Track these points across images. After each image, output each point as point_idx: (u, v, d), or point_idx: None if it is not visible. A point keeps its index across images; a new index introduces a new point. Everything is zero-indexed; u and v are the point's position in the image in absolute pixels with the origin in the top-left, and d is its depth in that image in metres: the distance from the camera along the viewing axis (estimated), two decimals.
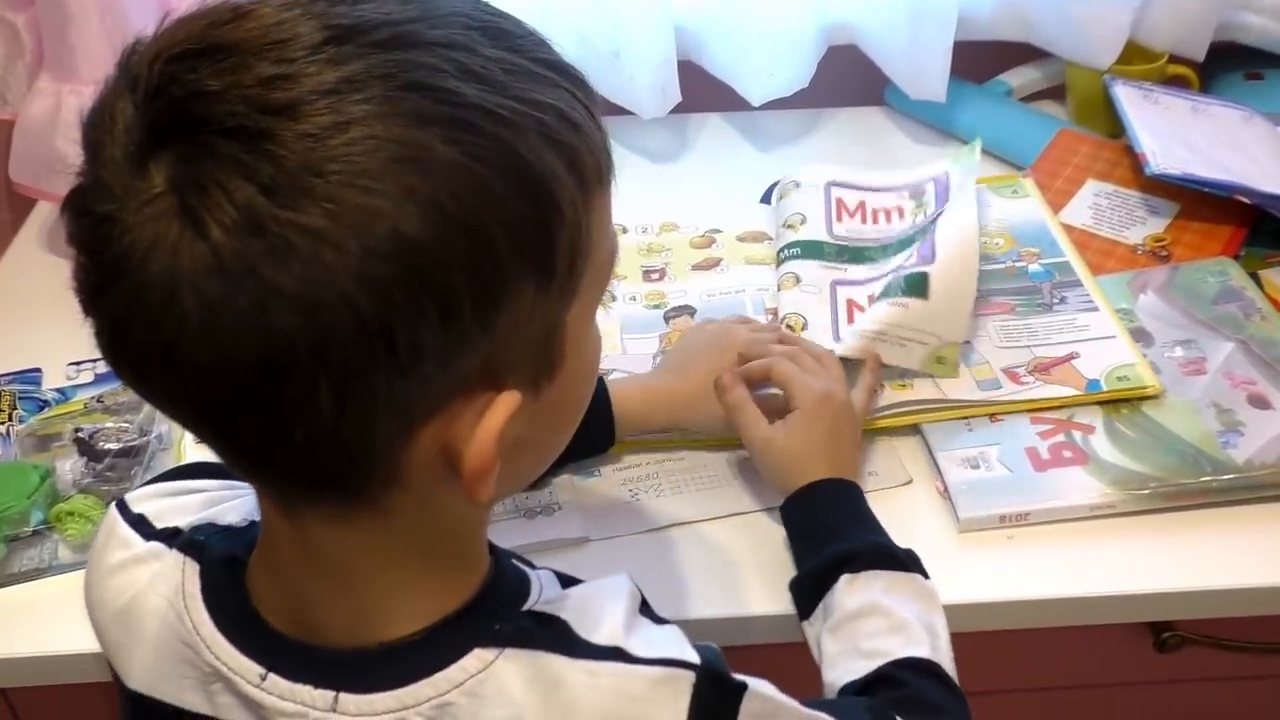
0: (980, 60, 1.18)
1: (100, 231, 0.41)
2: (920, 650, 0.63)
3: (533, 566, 0.55)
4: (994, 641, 0.73)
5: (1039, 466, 0.78)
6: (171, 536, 0.56)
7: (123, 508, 0.59)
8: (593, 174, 0.46)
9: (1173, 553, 0.74)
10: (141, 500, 0.59)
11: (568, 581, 0.55)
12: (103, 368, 0.91)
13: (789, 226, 0.98)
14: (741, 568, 0.74)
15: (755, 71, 1.10)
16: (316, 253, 0.39)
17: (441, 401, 0.44)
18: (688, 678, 0.49)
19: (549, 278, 0.44)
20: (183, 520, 0.57)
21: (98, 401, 0.87)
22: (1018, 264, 0.93)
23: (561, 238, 0.44)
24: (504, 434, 0.45)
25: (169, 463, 0.81)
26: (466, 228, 0.41)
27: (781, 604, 0.70)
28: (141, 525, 0.57)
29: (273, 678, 0.50)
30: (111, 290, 0.41)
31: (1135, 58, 1.11)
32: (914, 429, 0.82)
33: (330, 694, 0.49)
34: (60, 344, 0.93)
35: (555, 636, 0.49)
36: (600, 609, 0.51)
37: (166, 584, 0.54)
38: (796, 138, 1.17)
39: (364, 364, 0.41)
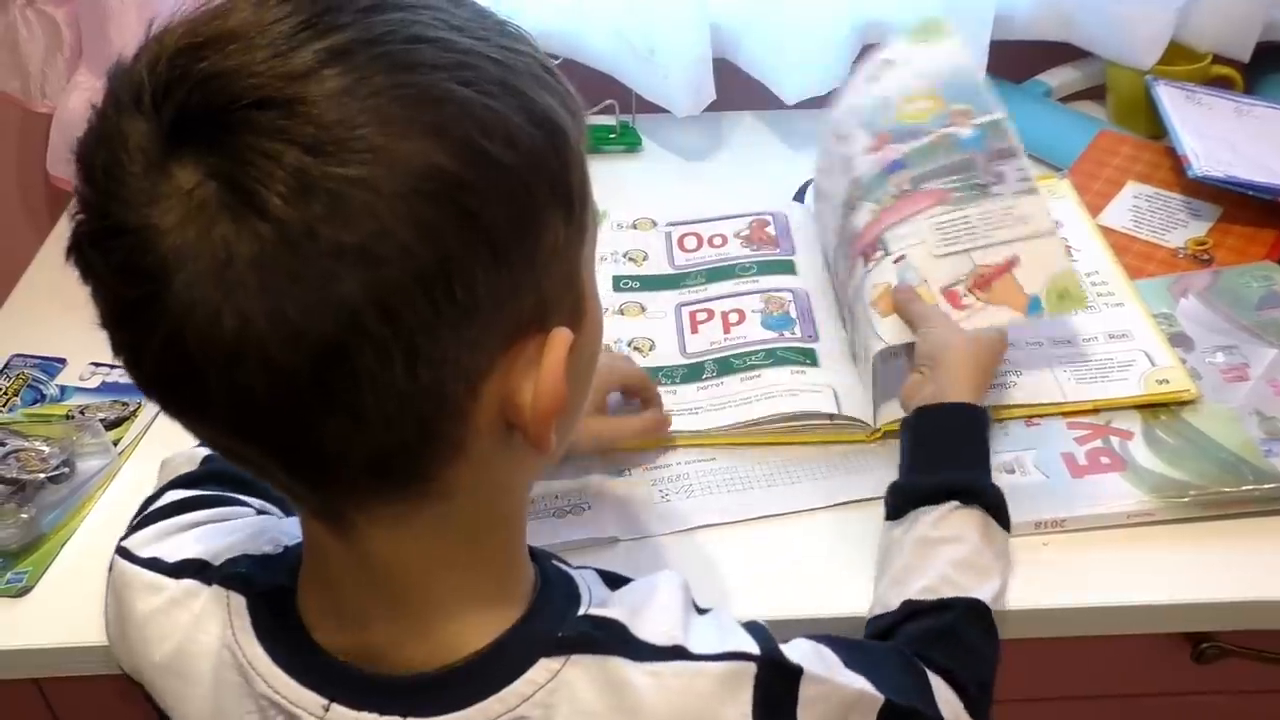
0: (1018, 60, 1.17)
1: (132, 251, 0.40)
2: (985, 595, 0.64)
3: (571, 566, 0.55)
4: (1028, 650, 0.72)
5: (1076, 472, 0.77)
6: (200, 571, 0.54)
7: (128, 555, 0.58)
8: (579, 118, 0.47)
9: (1212, 562, 0.73)
10: (147, 544, 0.58)
11: (611, 579, 0.55)
12: (115, 377, 0.90)
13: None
14: (773, 571, 0.74)
15: (790, 69, 1.09)
16: (370, 204, 0.39)
17: (499, 350, 0.44)
18: (750, 669, 0.49)
19: (570, 212, 0.45)
20: (199, 554, 0.55)
21: (80, 413, 0.86)
22: (948, 130, 0.85)
23: (574, 173, 0.45)
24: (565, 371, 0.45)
25: (60, 515, 0.78)
26: (498, 162, 0.42)
27: (814, 607, 0.70)
28: (161, 567, 0.56)
29: (336, 708, 0.49)
30: (154, 306, 0.40)
31: (1178, 58, 1.09)
32: None
33: None
34: (91, 340, 0.93)
35: (616, 639, 0.49)
36: (655, 608, 0.51)
37: (213, 622, 0.53)
38: None
39: (430, 317, 0.41)
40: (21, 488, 0.78)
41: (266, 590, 0.52)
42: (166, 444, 0.85)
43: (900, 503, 0.69)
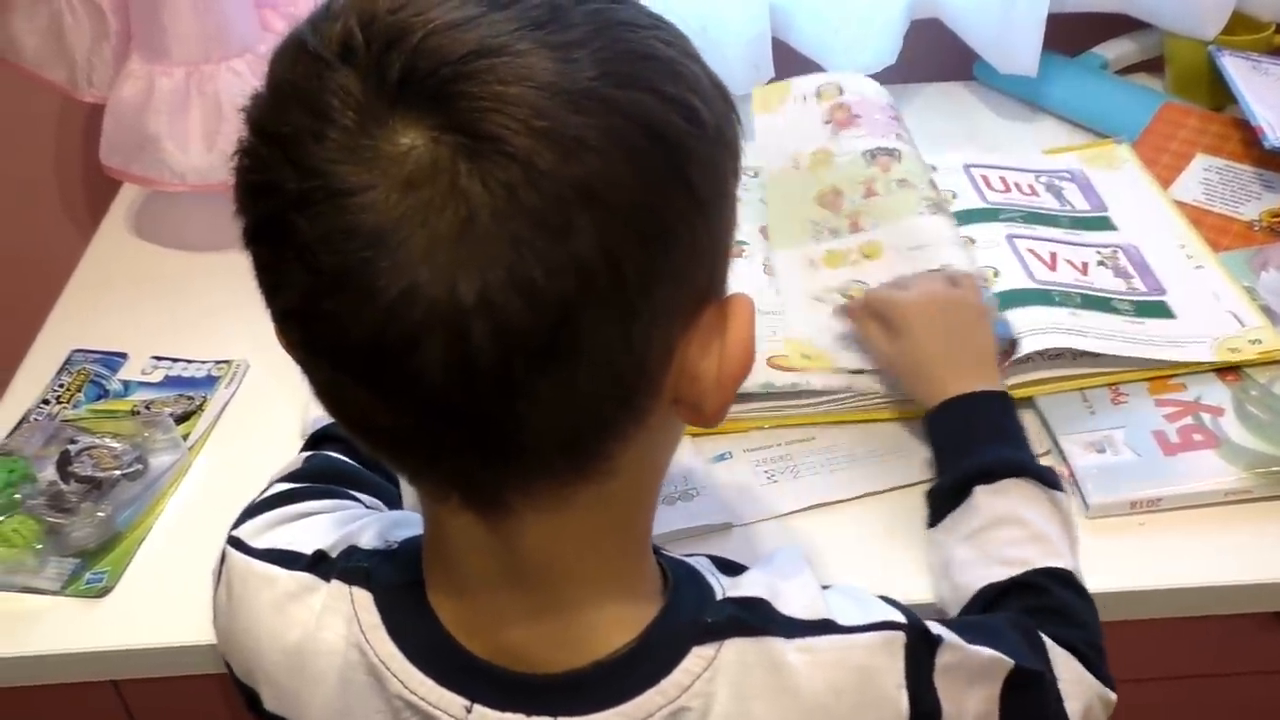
0: (1072, 32, 1.15)
1: (350, 213, 0.38)
2: (1059, 561, 0.63)
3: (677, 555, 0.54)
4: (1124, 631, 0.70)
5: (1168, 450, 0.75)
6: (317, 565, 0.53)
7: (241, 546, 0.56)
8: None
9: None
10: (260, 533, 0.56)
11: (725, 565, 0.54)
12: (178, 370, 0.89)
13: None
14: (887, 550, 0.72)
15: (845, 48, 1.07)
16: (602, 150, 0.39)
17: (691, 315, 0.44)
18: (900, 638, 0.49)
19: (737, 179, 0.45)
20: (315, 546, 0.54)
21: (145, 408, 0.85)
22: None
23: (738, 141, 0.45)
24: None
25: (135, 513, 0.77)
26: (702, 119, 0.42)
27: (925, 590, 0.69)
28: (275, 558, 0.54)
29: (479, 709, 0.48)
30: (370, 273, 0.38)
31: (1239, 28, 1.07)
32: (1028, 403, 0.79)
33: None
34: (149, 333, 0.93)
35: (765, 619, 0.48)
36: (792, 584, 0.50)
37: (336, 618, 0.51)
38: None
39: (646, 275, 0.40)
40: (97, 485, 0.76)
41: (394, 586, 0.51)
42: (235, 438, 0.84)
43: (935, 507, 0.68)
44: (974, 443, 0.69)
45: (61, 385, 0.88)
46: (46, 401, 0.86)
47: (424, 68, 0.38)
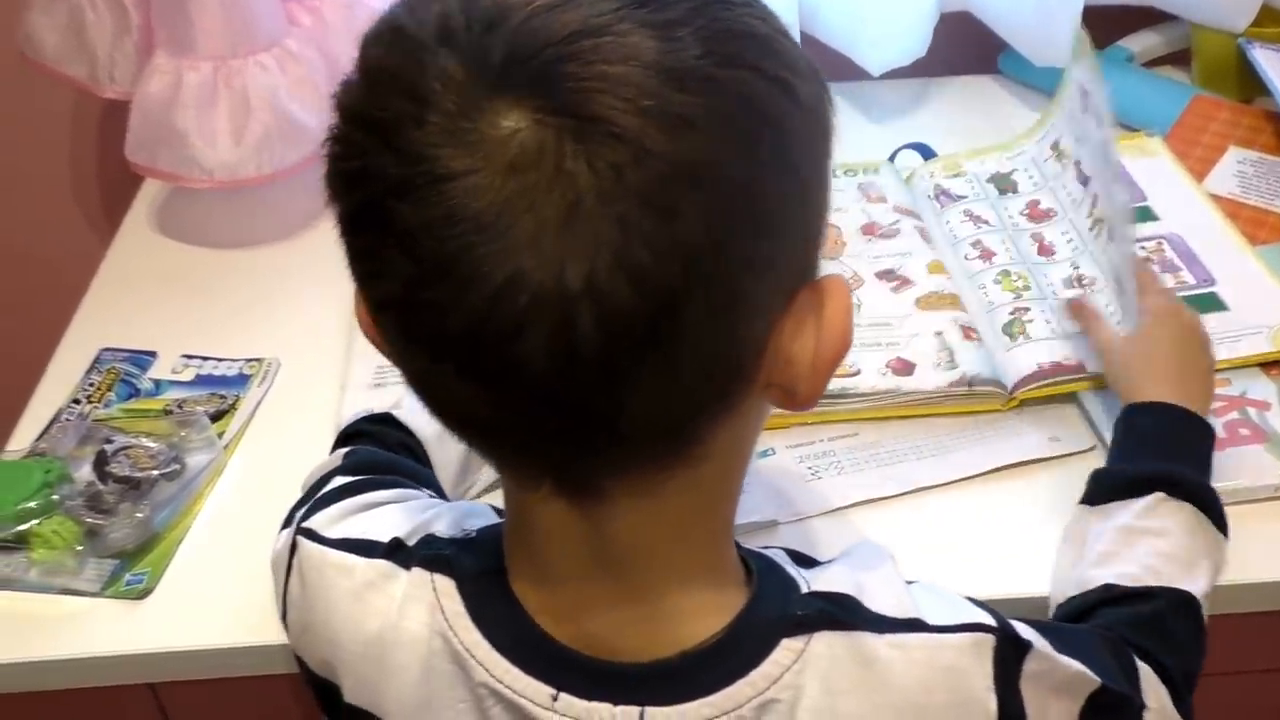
0: (1098, 25, 1.13)
1: (455, 198, 0.37)
2: (1193, 587, 0.62)
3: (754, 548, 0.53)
4: None
5: (1216, 445, 0.75)
6: (395, 552, 0.52)
7: (315, 536, 0.55)
8: None
9: None
10: (332, 524, 0.55)
11: (799, 558, 0.53)
12: (209, 369, 0.88)
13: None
14: (934, 546, 0.72)
15: (874, 41, 1.07)
16: (708, 128, 0.38)
17: (789, 298, 0.43)
18: (989, 640, 0.48)
19: (829, 160, 0.45)
20: (391, 534, 0.53)
21: (178, 407, 0.84)
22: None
23: (831, 121, 0.45)
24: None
25: (173, 513, 0.76)
26: (801, 99, 0.42)
27: (978, 587, 0.68)
28: (351, 547, 0.53)
29: (565, 698, 0.47)
30: (473, 259, 0.37)
31: (1268, 20, 1.07)
32: (1070, 399, 0.79)
33: (634, 710, 0.47)
34: (177, 331, 0.92)
35: (854, 613, 0.48)
36: (878, 579, 0.50)
37: (418, 607, 0.50)
38: (911, 108, 1.14)
39: (750, 256, 0.40)
40: (135, 486, 0.75)
41: (477, 573, 0.50)
42: (270, 437, 0.83)
43: (1102, 489, 0.67)
44: (1173, 451, 0.68)
45: (92, 384, 0.87)
46: (77, 401, 0.85)
47: (527, 49, 0.38)
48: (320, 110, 0.97)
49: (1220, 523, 0.66)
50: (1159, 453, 0.68)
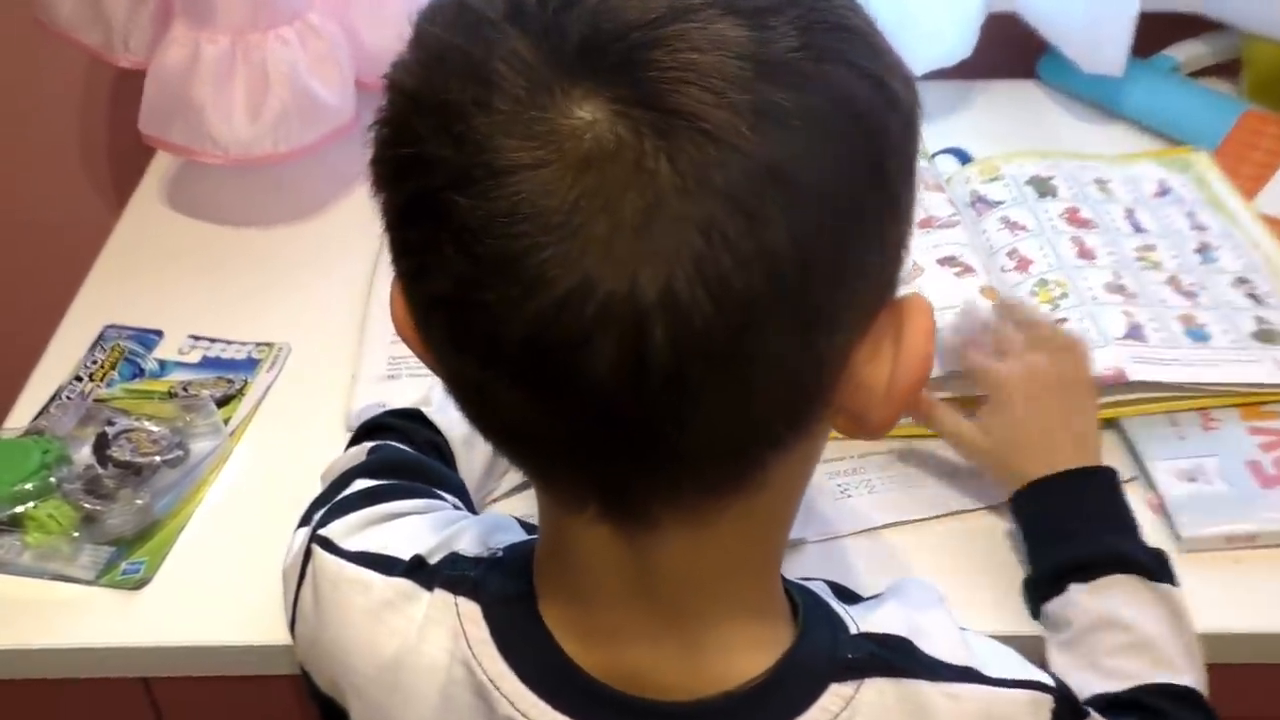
0: (1142, 33, 1.10)
1: (522, 195, 0.34)
2: (1172, 675, 0.57)
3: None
4: (1215, 675, 0.67)
5: (1264, 482, 0.71)
6: (416, 571, 0.49)
7: (331, 547, 0.52)
8: None
9: None
10: (350, 534, 0.52)
11: (842, 592, 0.51)
12: (216, 351, 0.85)
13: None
14: (969, 573, 0.69)
15: (920, 40, 1.03)
16: (800, 128, 0.35)
17: (870, 317, 0.40)
18: (1047, 702, 0.46)
19: (917, 165, 0.42)
20: (412, 550, 0.50)
21: (183, 389, 0.81)
22: None
23: (920, 129, 0.42)
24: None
25: (174, 500, 0.73)
26: (898, 101, 0.38)
27: (1010, 620, 0.65)
28: (369, 562, 0.50)
29: None
30: (537, 260, 0.34)
31: None
32: (1112, 425, 0.76)
33: None
34: (185, 311, 0.89)
35: (907, 658, 0.45)
36: (931, 622, 0.47)
37: (440, 631, 0.47)
38: (948, 111, 1.10)
39: (834, 272, 0.37)
40: (136, 471, 0.72)
41: (504, 597, 0.47)
42: (277, 425, 0.80)
43: (1032, 600, 0.63)
44: (1067, 529, 0.63)
45: (95, 362, 0.84)
46: (79, 378, 0.82)
47: (607, 32, 0.35)
48: (341, 88, 0.94)
49: (1153, 571, 0.60)
50: (1055, 536, 0.63)
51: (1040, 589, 0.63)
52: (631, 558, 0.43)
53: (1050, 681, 0.47)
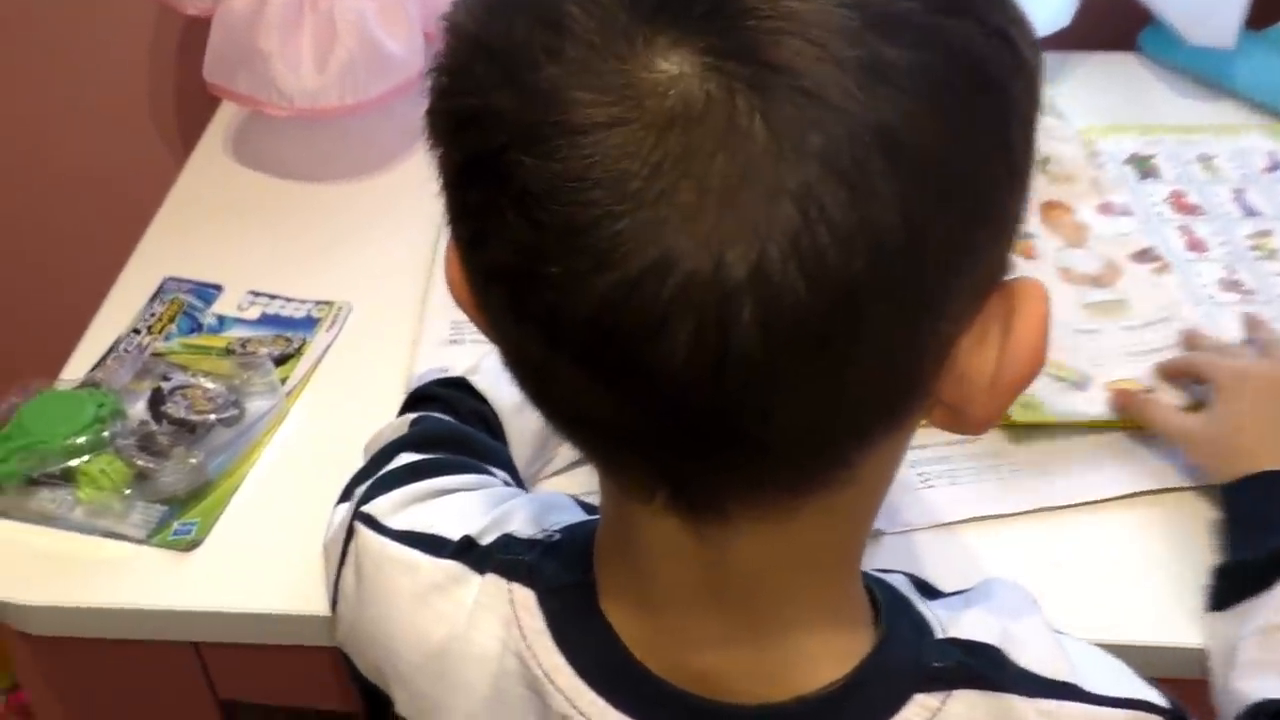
0: (1259, 3, 1.04)
1: (595, 158, 0.31)
2: None
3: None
4: None
5: None
6: (466, 553, 0.46)
7: (376, 525, 0.49)
8: None
9: None
10: (395, 511, 0.49)
11: (923, 587, 0.47)
12: (276, 308, 0.82)
13: None
14: (1054, 577, 0.64)
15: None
16: (913, 87, 0.31)
17: (981, 301, 0.36)
18: None
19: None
20: (461, 531, 0.47)
21: (241, 347, 0.78)
22: None
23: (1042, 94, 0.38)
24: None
25: (228, 460, 0.70)
26: (1024, 60, 0.34)
27: (1121, 629, 0.61)
28: (415, 542, 0.47)
29: None
30: (609, 230, 0.31)
31: None
32: None
33: None
34: (245, 265, 0.86)
35: (999, 669, 0.41)
36: (1026, 629, 0.43)
37: (491, 619, 0.44)
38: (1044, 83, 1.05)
39: (948, 251, 0.33)
40: (190, 429, 0.70)
41: (561, 586, 0.44)
42: (335, 387, 0.78)
43: (1224, 590, 0.59)
44: None
45: (153, 315, 0.82)
46: (137, 331, 0.80)
47: None
48: (409, 40, 0.90)
49: None
50: (1271, 528, 0.59)
51: (1243, 579, 0.59)
52: (701, 552, 0.39)
53: (1162, 702, 0.43)
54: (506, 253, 0.33)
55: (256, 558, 0.68)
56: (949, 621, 0.43)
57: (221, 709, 0.76)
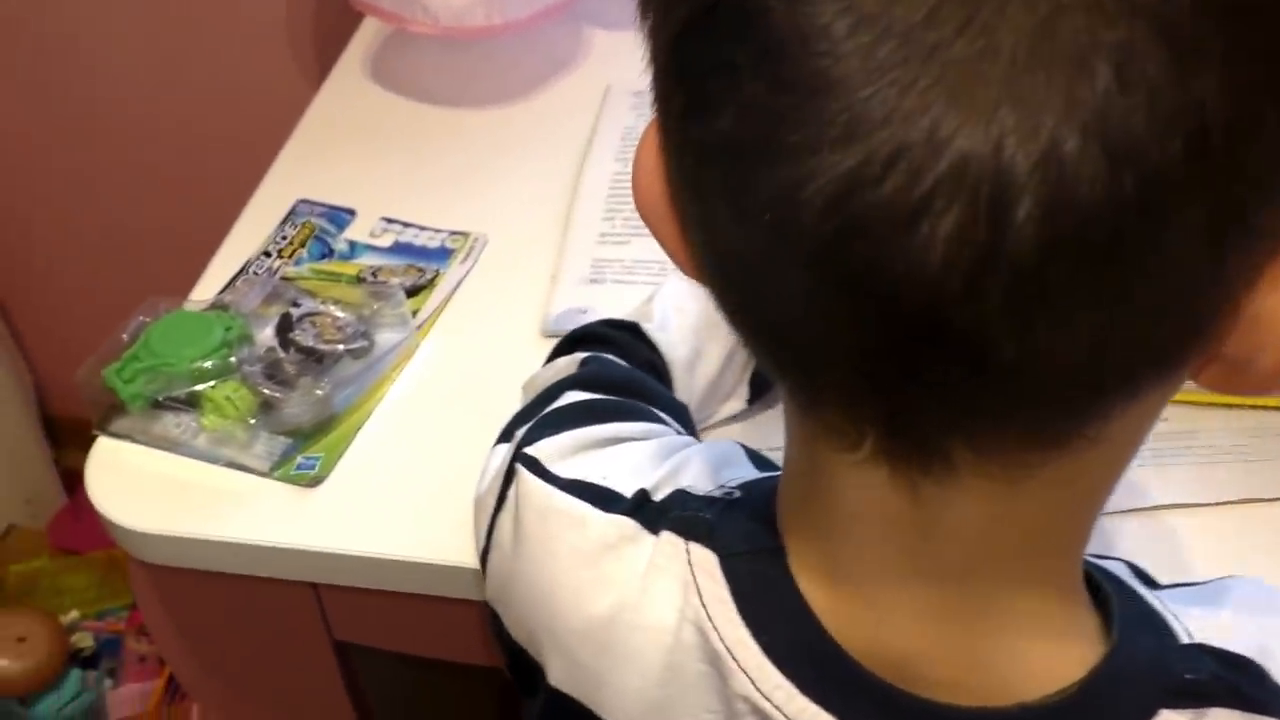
0: None
1: (832, 7, 0.25)
2: None
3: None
4: None
5: None
6: (639, 509, 0.40)
7: (540, 470, 0.43)
8: None
9: None
10: (562, 457, 0.44)
11: (1143, 576, 0.40)
12: (409, 237, 0.78)
13: None
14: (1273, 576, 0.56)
15: None
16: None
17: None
18: None
19: None
20: (634, 484, 0.41)
21: (372, 275, 0.74)
22: None
23: None
24: None
25: (354, 394, 0.66)
26: None
27: None
28: (583, 492, 0.42)
29: None
30: (864, 106, 0.25)
31: None
32: None
33: None
34: (379, 191, 0.82)
35: (1260, 687, 0.35)
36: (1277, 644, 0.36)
37: (668, 582, 0.38)
38: None
39: (1270, 157, 0.26)
40: (318, 359, 0.67)
41: (746, 551, 0.38)
42: (467, 322, 0.73)
43: None
44: None
45: (285, 238, 0.78)
46: (268, 254, 0.77)
47: None
48: None
49: None
50: None
51: None
52: (912, 513, 0.33)
53: None
54: (732, 120, 0.28)
55: (380, 498, 0.64)
56: (1193, 625, 0.37)
57: (336, 650, 0.73)
